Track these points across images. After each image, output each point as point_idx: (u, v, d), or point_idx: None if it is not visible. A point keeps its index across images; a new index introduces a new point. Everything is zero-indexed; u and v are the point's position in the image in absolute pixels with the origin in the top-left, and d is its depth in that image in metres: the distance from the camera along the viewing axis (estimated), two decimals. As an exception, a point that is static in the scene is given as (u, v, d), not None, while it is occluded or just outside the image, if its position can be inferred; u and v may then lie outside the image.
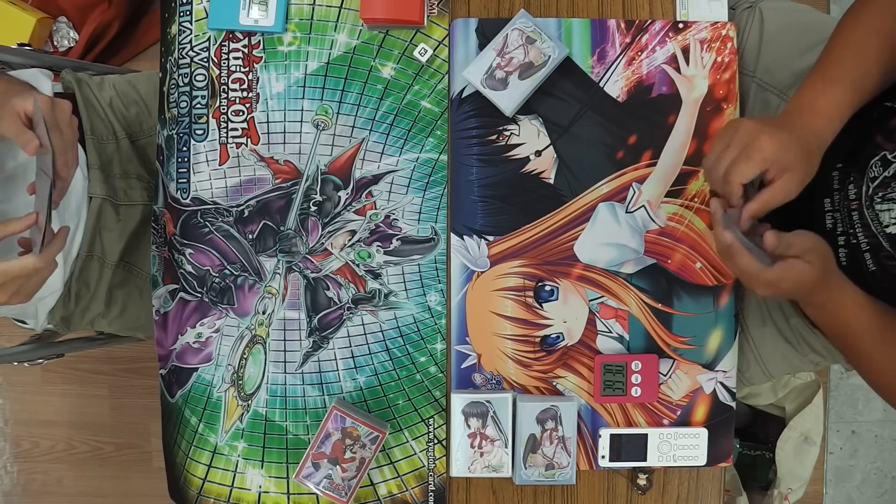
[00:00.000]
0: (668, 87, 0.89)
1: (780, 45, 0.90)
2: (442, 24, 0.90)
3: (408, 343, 0.90)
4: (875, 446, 1.75)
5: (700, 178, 0.89)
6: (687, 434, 0.89)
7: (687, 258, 0.89)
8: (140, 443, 1.76)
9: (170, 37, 0.91)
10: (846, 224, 0.79)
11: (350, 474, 0.84)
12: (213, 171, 0.90)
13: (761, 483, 1.44)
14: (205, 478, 0.91)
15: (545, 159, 0.89)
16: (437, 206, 0.90)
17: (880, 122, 0.75)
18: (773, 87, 0.90)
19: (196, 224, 0.90)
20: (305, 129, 0.89)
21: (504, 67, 0.84)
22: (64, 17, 1.58)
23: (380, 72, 0.90)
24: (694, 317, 0.89)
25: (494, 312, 0.90)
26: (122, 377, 1.75)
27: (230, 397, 0.91)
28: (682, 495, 0.92)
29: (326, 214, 0.90)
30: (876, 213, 0.74)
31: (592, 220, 0.89)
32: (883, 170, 0.73)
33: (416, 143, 0.90)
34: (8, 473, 1.78)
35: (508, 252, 0.89)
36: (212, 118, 0.90)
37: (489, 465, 0.88)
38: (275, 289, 0.90)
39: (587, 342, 0.89)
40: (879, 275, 0.76)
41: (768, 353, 0.94)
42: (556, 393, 0.90)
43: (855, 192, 0.77)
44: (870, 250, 0.76)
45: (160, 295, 0.91)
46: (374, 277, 0.90)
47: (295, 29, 0.89)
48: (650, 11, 0.90)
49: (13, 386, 1.77)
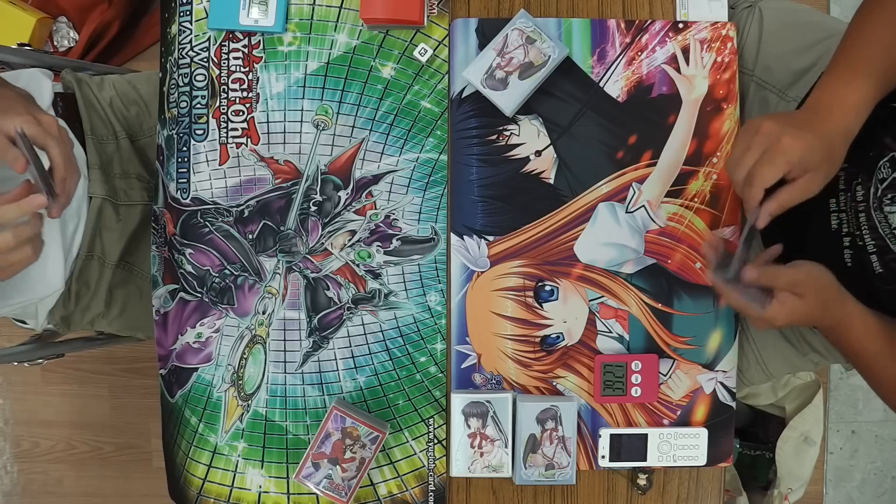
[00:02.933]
0: (668, 87, 0.89)
1: (780, 45, 0.90)
2: (442, 24, 0.90)
3: (408, 343, 0.90)
4: (875, 446, 1.75)
5: (700, 177, 0.89)
6: (687, 434, 0.89)
7: (687, 258, 0.89)
8: (140, 443, 1.76)
9: (170, 37, 0.91)
10: (852, 225, 0.78)
11: (350, 474, 0.84)
12: (213, 171, 0.90)
13: (761, 483, 1.44)
14: (205, 478, 0.91)
15: (545, 159, 0.89)
16: (437, 206, 0.90)
17: (888, 123, 0.75)
18: (773, 86, 0.90)
19: (196, 224, 0.90)
20: (305, 129, 0.89)
21: (504, 67, 0.84)
22: (64, 17, 1.58)
23: (380, 72, 0.90)
24: (694, 317, 0.89)
25: (494, 312, 0.90)
26: (122, 377, 1.75)
27: (230, 397, 0.91)
28: (682, 495, 0.92)
29: (326, 214, 0.90)
30: (885, 214, 0.73)
31: (592, 220, 0.89)
32: (892, 171, 0.72)
33: (416, 143, 0.90)
34: (8, 473, 1.78)
35: (508, 252, 0.89)
36: (212, 118, 0.90)
37: (489, 465, 0.88)
38: (275, 289, 0.90)
39: (587, 342, 0.89)
40: (886, 277, 0.75)
41: (769, 353, 0.94)
42: (556, 393, 0.90)
43: (862, 194, 0.76)
44: (876, 252, 0.75)
45: (160, 295, 0.91)
46: (374, 277, 0.90)
47: (295, 29, 0.89)
48: (650, 11, 0.90)
49: (13, 386, 1.77)
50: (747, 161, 0.71)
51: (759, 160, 0.70)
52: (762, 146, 0.70)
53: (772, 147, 0.70)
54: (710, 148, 0.88)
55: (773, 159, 0.69)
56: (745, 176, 0.71)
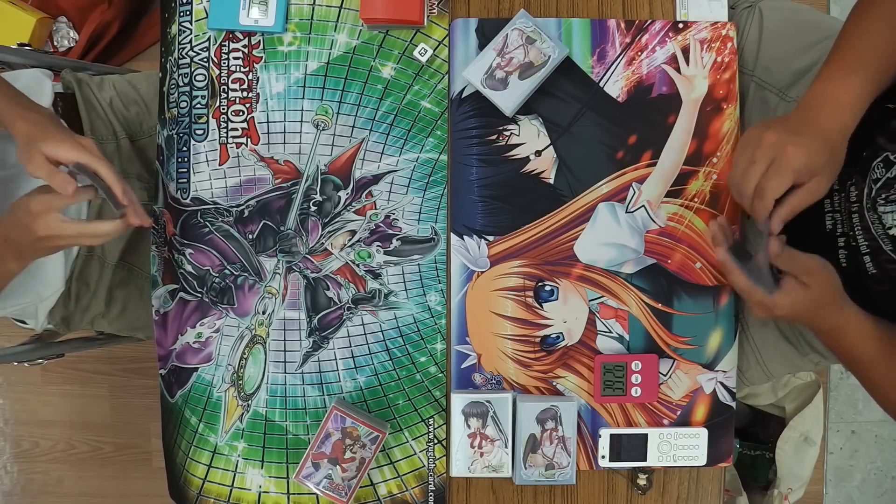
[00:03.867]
0: (668, 87, 0.89)
1: (780, 45, 0.90)
2: (442, 24, 0.90)
3: (408, 343, 0.90)
4: (875, 446, 1.75)
5: (700, 177, 0.89)
6: (687, 434, 0.89)
7: (687, 258, 0.89)
8: (140, 443, 1.76)
9: (170, 37, 0.91)
10: (846, 226, 0.78)
11: (350, 474, 0.84)
12: (213, 171, 0.90)
13: (761, 483, 1.44)
14: (205, 478, 0.91)
15: (545, 159, 0.89)
16: (437, 206, 0.90)
17: (882, 123, 0.75)
18: (772, 86, 0.90)
19: (196, 224, 0.90)
20: (305, 129, 0.89)
21: (504, 67, 0.84)
22: (64, 17, 1.59)
23: (380, 72, 0.90)
24: (694, 317, 0.89)
25: (494, 312, 0.90)
26: (122, 377, 1.75)
27: (230, 397, 0.91)
28: (682, 495, 0.92)
29: (326, 214, 0.90)
30: (878, 215, 0.73)
31: (592, 220, 0.89)
32: (886, 171, 0.73)
33: (416, 143, 0.90)
34: (8, 473, 1.78)
35: (508, 252, 0.89)
36: (212, 118, 0.90)
37: (489, 465, 0.88)
38: (275, 289, 0.90)
39: (587, 342, 0.89)
40: (879, 277, 0.75)
41: (769, 353, 0.94)
42: (556, 393, 0.90)
43: (856, 194, 0.76)
44: (870, 253, 0.76)
45: (160, 295, 0.91)
46: (374, 277, 0.90)
47: (295, 29, 0.89)
48: (650, 11, 0.90)
49: (13, 386, 1.77)
50: (754, 175, 0.71)
51: (766, 173, 0.71)
52: (768, 158, 0.71)
53: (777, 158, 0.70)
54: (710, 148, 0.88)
55: (780, 171, 0.70)
56: (753, 189, 0.72)
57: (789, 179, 0.70)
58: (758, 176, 0.71)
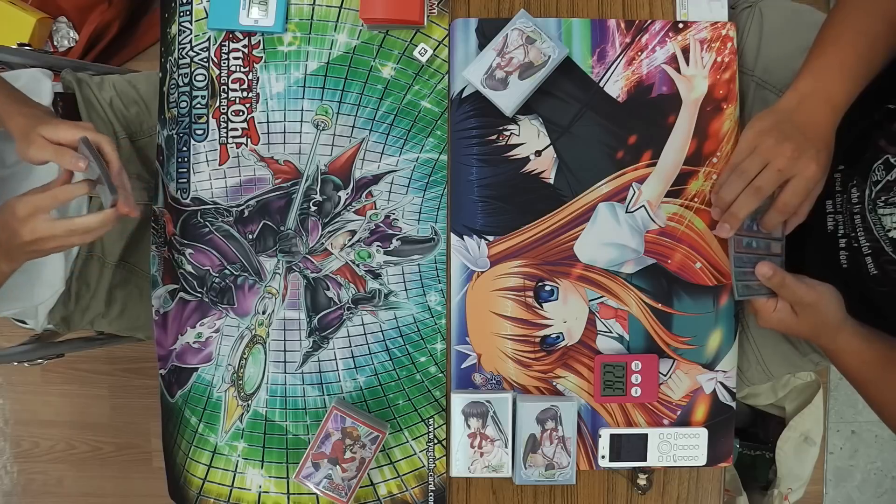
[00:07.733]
0: (668, 87, 0.89)
1: (780, 45, 0.90)
2: (442, 24, 0.90)
3: (408, 343, 0.90)
4: (875, 446, 1.75)
5: (700, 177, 0.89)
6: (687, 434, 0.89)
7: (687, 258, 0.89)
8: (140, 443, 1.76)
9: (170, 37, 0.91)
10: (848, 227, 0.79)
11: (350, 474, 0.84)
12: (213, 171, 0.90)
13: (761, 483, 1.44)
14: (205, 478, 0.91)
15: (545, 159, 0.89)
16: (437, 206, 0.90)
17: (882, 125, 0.75)
18: (773, 87, 0.90)
19: (196, 224, 0.90)
20: (305, 129, 0.89)
21: (504, 67, 0.84)
22: (64, 17, 1.59)
23: (380, 72, 0.90)
24: (694, 317, 0.89)
25: (494, 312, 0.90)
26: (122, 377, 1.75)
27: (230, 397, 0.91)
28: (682, 495, 0.92)
29: (326, 214, 0.90)
30: (878, 216, 0.74)
31: (592, 220, 0.89)
32: (886, 174, 0.73)
33: (416, 143, 0.90)
34: (8, 473, 1.78)
35: (508, 252, 0.89)
36: (212, 118, 0.90)
37: (489, 465, 0.88)
38: (275, 289, 0.90)
39: (587, 342, 0.89)
40: (880, 278, 0.76)
41: (769, 353, 0.94)
42: (556, 393, 0.90)
43: (857, 196, 0.77)
44: (871, 254, 0.76)
45: (160, 295, 0.91)
46: (374, 277, 0.90)
47: (295, 29, 0.89)
48: (650, 11, 0.90)
49: (13, 386, 1.77)
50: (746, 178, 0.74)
51: (783, 188, 0.74)
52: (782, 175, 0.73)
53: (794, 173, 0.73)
54: (710, 148, 0.88)
55: (797, 190, 0.73)
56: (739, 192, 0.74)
57: (778, 182, 0.73)
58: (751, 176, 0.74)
